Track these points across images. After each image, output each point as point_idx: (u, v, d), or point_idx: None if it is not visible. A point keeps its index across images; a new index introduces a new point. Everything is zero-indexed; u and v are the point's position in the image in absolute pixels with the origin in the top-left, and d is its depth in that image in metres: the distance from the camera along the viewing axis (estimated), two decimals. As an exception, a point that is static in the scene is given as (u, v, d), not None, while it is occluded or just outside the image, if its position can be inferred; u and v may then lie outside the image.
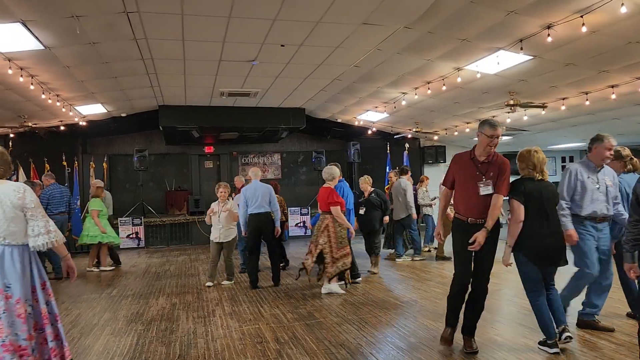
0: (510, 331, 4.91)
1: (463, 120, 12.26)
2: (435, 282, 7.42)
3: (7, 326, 3.29)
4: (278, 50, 7.69)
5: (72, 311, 6.33)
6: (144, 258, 11.27)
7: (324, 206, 6.74)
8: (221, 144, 16.03)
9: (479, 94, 9.52)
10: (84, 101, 10.21)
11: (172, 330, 5.34)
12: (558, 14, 5.81)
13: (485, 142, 4.19)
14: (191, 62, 8.36)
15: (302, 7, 6.05)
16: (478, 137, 4.27)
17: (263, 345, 4.71)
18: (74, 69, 7.97)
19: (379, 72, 8.80)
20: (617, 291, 5.09)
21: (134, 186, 15.03)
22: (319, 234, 6.71)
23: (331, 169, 7.03)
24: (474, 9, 5.85)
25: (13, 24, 5.80)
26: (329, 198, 6.66)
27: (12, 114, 10.24)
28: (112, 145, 15.61)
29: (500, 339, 4.67)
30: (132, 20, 6.24)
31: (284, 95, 11.30)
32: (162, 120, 12.40)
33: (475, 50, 7.25)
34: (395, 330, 5.08)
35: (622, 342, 4.38)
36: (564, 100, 9.28)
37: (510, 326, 5.09)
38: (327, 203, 6.67)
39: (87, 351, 4.73)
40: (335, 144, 16.94)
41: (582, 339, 4.54)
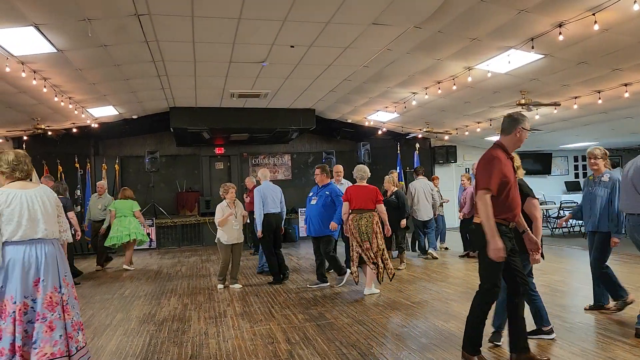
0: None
1: (474, 120, 12.19)
2: (446, 282, 7.39)
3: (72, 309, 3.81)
4: (288, 51, 7.70)
5: (86, 312, 6.39)
6: (156, 259, 11.35)
7: (370, 204, 6.77)
8: (231, 145, 16.09)
9: (490, 93, 9.47)
10: (95, 103, 10.30)
11: (183, 330, 5.37)
12: (569, 12, 5.75)
13: (525, 137, 3.99)
14: (201, 64, 8.41)
15: (312, 8, 6.05)
16: (517, 134, 3.94)
17: (274, 346, 4.72)
18: (86, 72, 8.04)
19: (389, 72, 8.78)
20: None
21: (145, 187, 15.12)
22: (372, 233, 6.66)
23: (365, 168, 7.09)
24: (485, 8, 5.81)
25: (26, 27, 5.87)
26: (378, 195, 6.84)
27: (25, 117, 10.35)
28: (124, 147, 15.72)
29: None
30: (143, 23, 6.29)
31: (294, 96, 11.31)
32: (173, 122, 12.46)
33: (486, 50, 7.21)
34: (407, 331, 5.07)
35: None
36: (576, 99, 9.20)
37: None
38: (374, 201, 6.80)
39: (100, 351, 4.77)
40: (346, 145, 16.92)
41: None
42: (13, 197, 3.60)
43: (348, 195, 6.85)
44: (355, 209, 6.75)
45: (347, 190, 6.95)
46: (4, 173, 3.69)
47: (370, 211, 6.75)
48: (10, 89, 8.16)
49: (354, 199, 6.78)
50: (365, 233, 6.66)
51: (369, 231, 6.65)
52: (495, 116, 11.45)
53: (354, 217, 6.74)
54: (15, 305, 3.49)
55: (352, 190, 6.87)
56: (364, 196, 6.78)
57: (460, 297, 6.34)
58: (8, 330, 3.46)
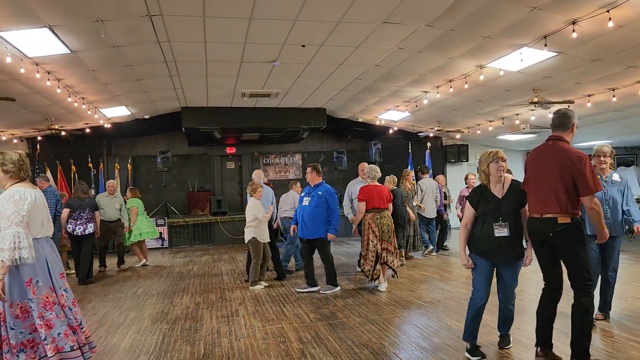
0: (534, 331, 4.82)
1: (486, 119, 12.12)
2: (458, 282, 7.35)
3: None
4: (299, 50, 7.71)
5: (99, 310, 6.45)
6: (168, 258, 11.42)
7: (384, 203, 6.97)
8: (243, 145, 16.15)
9: (502, 91, 9.40)
10: (108, 104, 10.39)
11: (196, 329, 5.40)
12: (583, 9, 5.70)
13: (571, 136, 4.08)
14: (213, 64, 8.44)
15: (323, 7, 6.06)
16: (573, 129, 4.07)
17: (286, 345, 4.73)
18: (99, 72, 8.11)
19: (400, 71, 8.76)
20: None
21: (157, 187, 15.24)
22: (392, 232, 6.93)
23: (377, 168, 7.26)
24: (497, 6, 5.78)
25: (40, 29, 5.94)
26: (390, 195, 7.13)
27: (39, 117, 10.47)
28: (136, 146, 15.85)
29: (524, 339, 4.60)
30: (155, 23, 6.33)
31: (304, 95, 11.32)
32: (185, 122, 12.54)
33: (498, 48, 7.16)
34: (419, 330, 5.05)
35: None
36: (589, 97, 9.11)
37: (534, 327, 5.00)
38: (387, 200, 7.04)
39: (114, 349, 4.81)
40: (356, 144, 16.91)
41: (610, 340, 4.43)
42: (33, 196, 3.70)
43: (366, 194, 6.93)
44: (374, 207, 6.90)
45: (364, 190, 7.02)
46: (8, 172, 3.72)
47: (386, 210, 6.98)
48: (25, 90, 8.27)
49: (371, 198, 6.90)
50: (387, 232, 6.84)
51: (390, 230, 6.88)
52: (507, 115, 11.38)
53: (373, 215, 6.87)
54: (56, 295, 3.73)
55: (369, 190, 6.98)
56: (380, 195, 6.96)
57: (473, 297, 6.29)
58: (60, 316, 3.71)
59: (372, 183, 7.06)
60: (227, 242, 13.43)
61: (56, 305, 3.70)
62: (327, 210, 7.01)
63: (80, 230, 8.44)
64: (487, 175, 4.09)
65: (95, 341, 5.06)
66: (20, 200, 3.59)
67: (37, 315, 3.60)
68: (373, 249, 6.83)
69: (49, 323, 3.64)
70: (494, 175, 4.05)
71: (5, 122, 10.55)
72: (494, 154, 4.06)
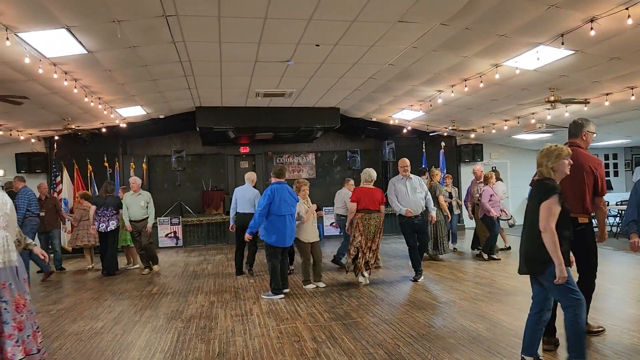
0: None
1: (501, 118, 12.01)
2: (473, 282, 7.30)
3: None
4: (313, 50, 7.71)
5: (115, 308, 6.52)
6: (182, 257, 11.49)
7: (377, 205, 7.32)
8: (256, 144, 16.19)
9: (518, 90, 9.31)
10: (124, 103, 10.49)
11: (211, 328, 5.43)
12: (602, 7, 5.61)
13: (591, 139, 4.53)
14: (227, 64, 8.47)
15: (338, 7, 6.04)
16: (586, 138, 4.54)
17: (300, 344, 4.73)
18: (115, 73, 8.19)
19: (415, 70, 8.71)
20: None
21: (171, 186, 15.34)
22: (377, 233, 7.31)
23: (371, 171, 7.60)
24: (513, 4, 5.72)
25: (58, 30, 6.01)
26: (383, 198, 7.46)
27: (56, 117, 10.60)
28: (151, 146, 15.97)
29: (542, 341, 4.55)
30: (170, 24, 6.37)
31: (318, 95, 11.32)
32: (199, 121, 12.61)
33: (514, 46, 7.09)
34: (434, 331, 5.02)
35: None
36: (607, 95, 8.98)
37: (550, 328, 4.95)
38: (380, 202, 7.35)
39: (130, 347, 4.85)
40: (370, 143, 16.87)
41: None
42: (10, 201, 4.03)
43: (357, 196, 7.36)
44: (363, 209, 7.27)
45: (356, 191, 7.49)
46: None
47: (377, 212, 7.32)
48: (43, 90, 8.37)
49: (363, 200, 7.28)
50: (373, 232, 7.24)
51: (377, 231, 7.27)
52: (523, 114, 11.26)
53: (362, 216, 7.23)
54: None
55: (361, 192, 7.38)
56: (371, 197, 7.31)
57: (489, 298, 6.25)
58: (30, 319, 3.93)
59: (367, 185, 7.46)
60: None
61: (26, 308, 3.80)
62: None
63: (103, 227, 8.98)
64: (554, 172, 3.76)
65: (112, 339, 5.13)
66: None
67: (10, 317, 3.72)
68: (357, 246, 7.25)
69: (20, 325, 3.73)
70: (561, 173, 3.79)
71: (23, 121, 10.70)
72: (567, 152, 3.80)
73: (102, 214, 9.00)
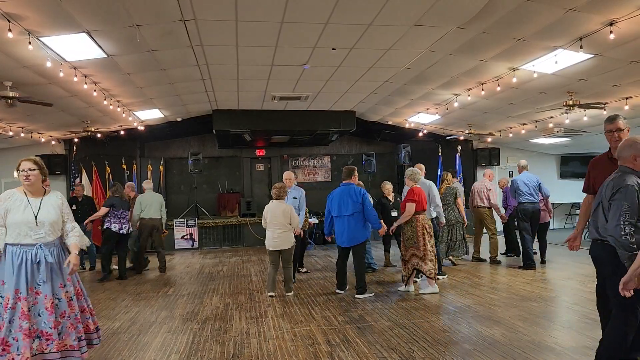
0: (569, 339, 4.72)
1: (518, 122, 11.91)
2: (489, 287, 7.24)
3: None
4: (329, 53, 7.74)
5: (132, 309, 6.59)
6: (198, 259, 11.58)
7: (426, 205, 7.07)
8: (272, 147, 16.26)
9: (535, 94, 9.23)
10: (142, 106, 10.62)
11: (225, 329, 5.46)
12: (621, 10, 5.54)
13: (608, 138, 4.05)
14: (244, 67, 8.54)
15: (354, 11, 6.06)
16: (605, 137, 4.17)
17: (315, 347, 4.74)
18: (134, 76, 8.30)
19: (431, 73, 8.69)
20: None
21: (188, 188, 15.47)
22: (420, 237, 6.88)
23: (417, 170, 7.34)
24: (531, 8, 5.67)
25: (79, 34, 6.12)
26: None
27: (76, 120, 10.77)
28: (168, 148, 16.14)
29: (558, 347, 4.50)
30: (188, 28, 6.45)
31: (334, 98, 11.34)
32: (216, 124, 12.71)
33: (532, 50, 7.03)
34: (449, 336, 4.99)
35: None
36: (627, 99, 8.85)
37: (569, 334, 4.90)
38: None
39: (146, 347, 4.91)
40: (386, 147, 16.83)
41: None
42: None
43: (418, 195, 6.89)
44: (422, 210, 6.97)
45: (415, 191, 6.95)
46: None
47: (419, 213, 6.90)
48: (64, 93, 8.52)
49: (421, 200, 6.90)
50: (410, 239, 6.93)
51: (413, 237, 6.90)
52: (541, 117, 11.15)
53: (424, 216, 6.96)
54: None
55: (420, 192, 6.98)
56: (424, 197, 7.03)
57: (505, 304, 6.20)
58: None
59: (416, 185, 7.08)
60: (255, 244, 13.54)
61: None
62: None
63: (125, 228, 8.96)
64: None
65: (128, 339, 5.20)
66: None
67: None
68: (432, 249, 6.88)
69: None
70: None
71: (44, 124, 10.89)
72: None
73: (121, 215, 8.93)
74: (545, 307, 5.97)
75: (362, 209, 6.89)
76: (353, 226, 6.87)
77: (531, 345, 4.57)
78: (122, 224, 8.90)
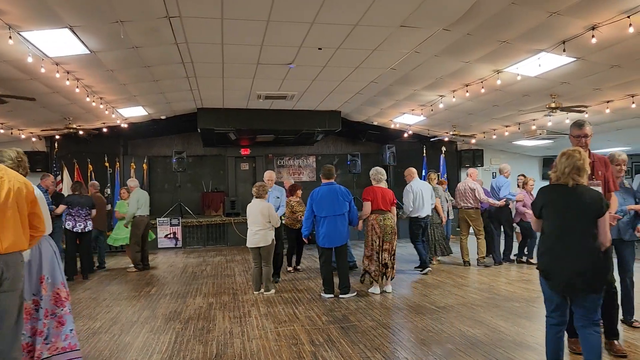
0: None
1: (502, 124, 12.03)
2: (472, 287, 7.29)
3: None
4: (315, 53, 7.73)
5: (113, 308, 6.51)
6: (181, 258, 11.49)
7: (387, 205, 7.07)
8: (257, 147, 16.22)
9: (519, 96, 9.33)
10: (125, 104, 10.51)
11: (209, 329, 5.42)
12: (603, 15, 5.63)
13: (574, 143, 4.20)
14: (229, 66, 8.50)
15: (340, 11, 6.06)
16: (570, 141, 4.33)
17: (298, 347, 4.73)
18: (117, 73, 8.21)
19: (416, 74, 8.73)
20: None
21: (172, 187, 15.36)
22: (393, 236, 7.01)
23: (383, 170, 7.43)
24: (515, 11, 5.73)
25: (61, 29, 6.03)
26: (394, 198, 7.20)
27: (58, 116, 10.62)
28: (152, 147, 16.00)
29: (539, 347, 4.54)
30: (173, 25, 6.39)
31: (320, 98, 11.34)
32: (200, 123, 12.63)
33: (516, 52, 7.11)
34: (432, 336, 5.02)
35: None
36: (608, 103, 9.00)
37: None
38: (391, 203, 7.13)
39: (127, 348, 4.85)
40: (371, 147, 16.88)
41: None
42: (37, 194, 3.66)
43: (371, 195, 7.02)
44: (378, 209, 6.99)
45: (370, 190, 7.10)
46: None
47: (389, 212, 7.06)
48: (45, 89, 8.39)
49: (376, 200, 7.02)
50: (389, 234, 6.95)
51: (392, 232, 7.00)
52: (524, 120, 11.28)
53: (376, 217, 6.97)
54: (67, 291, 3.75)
55: (373, 191, 7.08)
56: (384, 197, 7.06)
57: (487, 304, 6.25)
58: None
59: (378, 185, 7.22)
60: (240, 243, 13.46)
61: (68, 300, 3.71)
62: None
63: (81, 228, 8.77)
64: None
65: (109, 339, 5.13)
66: None
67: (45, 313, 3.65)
68: (377, 249, 7.00)
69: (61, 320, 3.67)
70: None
71: (24, 120, 10.71)
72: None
73: (76, 213, 8.70)
74: (526, 307, 6.04)
75: (349, 209, 7.01)
76: (341, 226, 6.93)
77: (513, 345, 4.62)
78: (77, 222, 8.69)
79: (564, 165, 3.54)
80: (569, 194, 3.50)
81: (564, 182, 3.53)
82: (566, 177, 3.52)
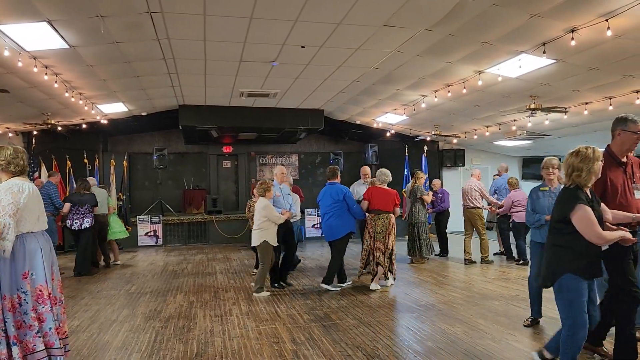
0: (528, 337, 4.84)
1: (483, 124, 12.15)
2: (453, 286, 7.36)
3: None
4: (298, 51, 7.71)
5: (92, 307, 6.42)
6: (162, 256, 11.38)
7: (389, 206, 7.28)
8: (239, 144, 16.12)
9: (499, 97, 9.43)
10: (105, 100, 10.35)
11: (189, 328, 5.38)
12: (583, 18, 5.72)
13: (632, 140, 4.00)
14: (212, 63, 8.42)
15: (324, 9, 6.05)
16: (618, 136, 4.14)
17: (279, 346, 4.72)
18: (97, 68, 8.08)
19: (399, 74, 8.77)
20: None
21: (152, 184, 15.20)
22: (386, 235, 7.19)
23: (387, 172, 7.57)
24: (497, 12, 5.79)
25: (39, 23, 5.91)
26: (397, 199, 7.38)
27: (36, 112, 10.41)
28: (133, 143, 15.79)
29: (519, 345, 4.61)
30: (155, 21, 6.31)
31: (303, 96, 11.32)
32: (182, 120, 12.50)
33: (497, 54, 7.18)
34: (413, 334, 5.06)
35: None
36: (586, 104, 9.14)
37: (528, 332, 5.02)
38: (394, 204, 7.31)
39: (106, 347, 4.79)
40: (353, 146, 16.92)
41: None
42: (29, 189, 3.70)
43: (368, 195, 7.35)
44: (375, 209, 7.27)
45: (369, 190, 7.46)
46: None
47: (388, 213, 7.24)
48: (22, 84, 8.22)
49: (374, 200, 7.27)
50: (380, 232, 7.18)
51: (384, 231, 7.18)
52: (504, 120, 11.41)
53: (372, 217, 7.26)
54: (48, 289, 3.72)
55: (373, 191, 7.35)
56: (386, 198, 7.28)
57: (467, 302, 6.32)
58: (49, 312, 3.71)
59: (381, 186, 7.42)
60: (221, 242, 13.41)
61: (48, 300, 3.70)
62: None
63: (77, 225, 8.80)
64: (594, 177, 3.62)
65: (87, 338, 5.07)
66: (19, 193, 3.61)
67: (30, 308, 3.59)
68: (367, 248, 7.36)
69: (41, 317, 3.64)
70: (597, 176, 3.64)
71: (0, 115, 10.49)
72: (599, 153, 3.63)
73: (76, 211, 8.79)
74: (505, 306, 6.11)
75: (347, 206, 7.26)
76: (332, 222, 7.25)
77: (492, 342, 4.67)
78: (74, 220, 8.77)
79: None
80: None
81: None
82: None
